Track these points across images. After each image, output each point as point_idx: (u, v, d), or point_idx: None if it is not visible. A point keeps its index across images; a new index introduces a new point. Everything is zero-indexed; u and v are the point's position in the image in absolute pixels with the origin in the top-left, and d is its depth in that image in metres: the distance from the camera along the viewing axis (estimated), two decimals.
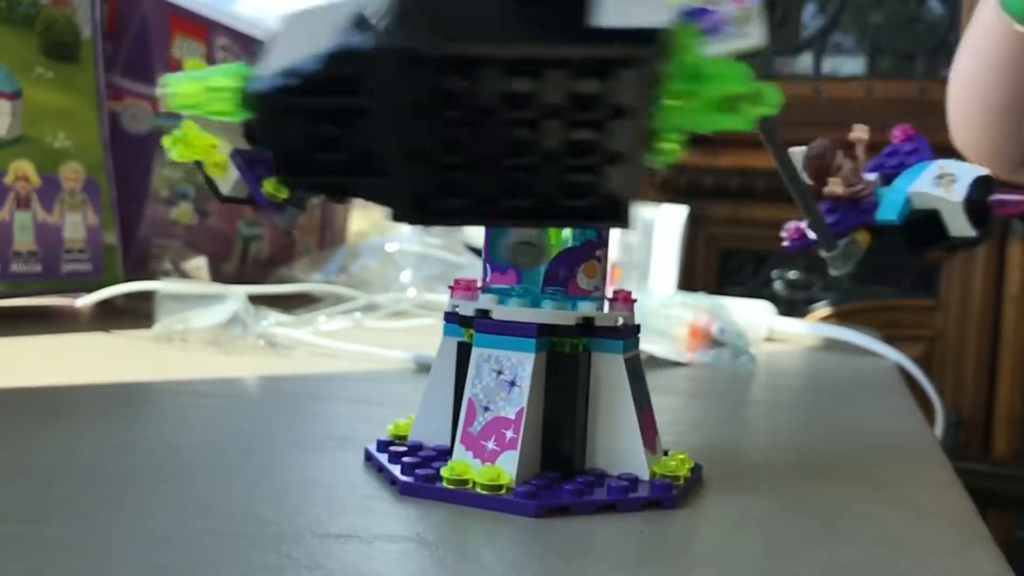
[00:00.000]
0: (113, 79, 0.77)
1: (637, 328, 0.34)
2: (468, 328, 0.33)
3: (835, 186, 0.38)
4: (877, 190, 0.38)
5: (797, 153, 0.38)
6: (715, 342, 0.71)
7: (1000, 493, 1.45)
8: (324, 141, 0.20)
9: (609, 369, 0.32)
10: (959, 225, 0.35)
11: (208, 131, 0.35)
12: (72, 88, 0.70)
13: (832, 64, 1.65)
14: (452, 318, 0.34)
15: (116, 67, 0.77)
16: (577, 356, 0.32)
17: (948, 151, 0.40)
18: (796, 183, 0.35)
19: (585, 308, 0.32)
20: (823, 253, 0.38)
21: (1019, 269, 1.51)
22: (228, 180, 0.36)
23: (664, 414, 0.44)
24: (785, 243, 0.40)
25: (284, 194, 0.36)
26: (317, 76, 0.19)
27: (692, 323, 0.71)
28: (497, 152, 0.20)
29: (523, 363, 0.31)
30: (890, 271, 1.56)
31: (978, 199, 0.35)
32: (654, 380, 0.35)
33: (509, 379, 0.31)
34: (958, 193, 0.35)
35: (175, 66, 0.80)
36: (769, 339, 0.89)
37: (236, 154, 0.36)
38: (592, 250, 0.33)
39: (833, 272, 0.38)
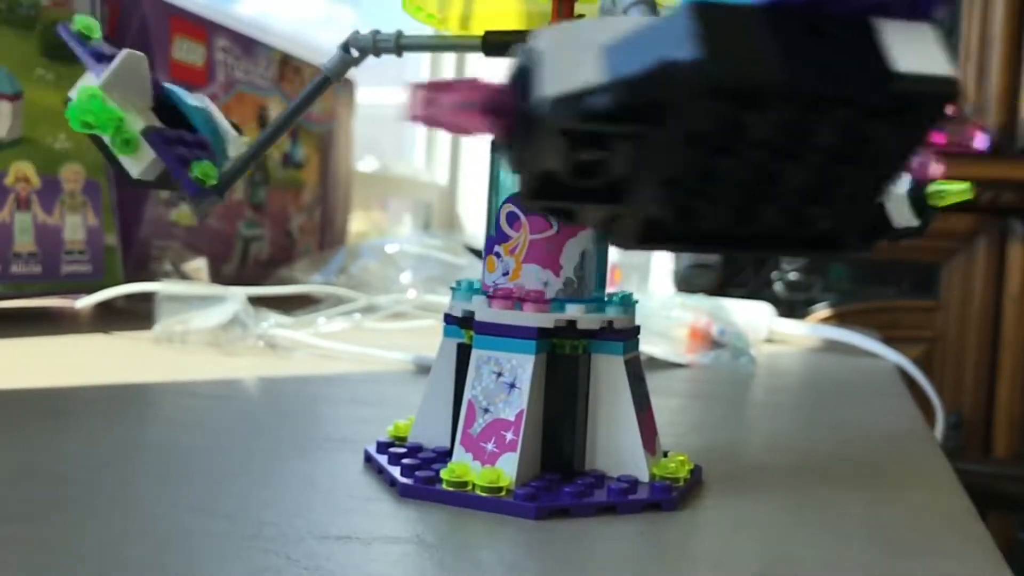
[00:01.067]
0: None
1: (637, 330, 0.34)
2: (468, 329, 0.33)
3: None
4: None
5: None
6: (715, 343, 0.71)
7: (1000, 494, 1.45)
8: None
9: (609, 370, 0.32)
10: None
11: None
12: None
13: None
14: (452, 319, 0.34)
15: None
16: (577, 358, 0.32)
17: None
18: None
19: (473, 301, 0.32)
20: None
21: (1019, 270, 1.51)
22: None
23: (664, 415, 0.44)
24: None
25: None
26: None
27: (692, 324, 0.71)
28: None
29: (523, 365, 0.31)
30: None
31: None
32: (654, 381, 0.35)
33: (509, 381, 0.31)
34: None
35: (175, 67, 0.80)
36: (769, 340, 0.89)
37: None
38: (490, 245, 0.33)
39: None
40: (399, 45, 0.35)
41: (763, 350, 0.80)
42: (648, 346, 0.67)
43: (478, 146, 1.72)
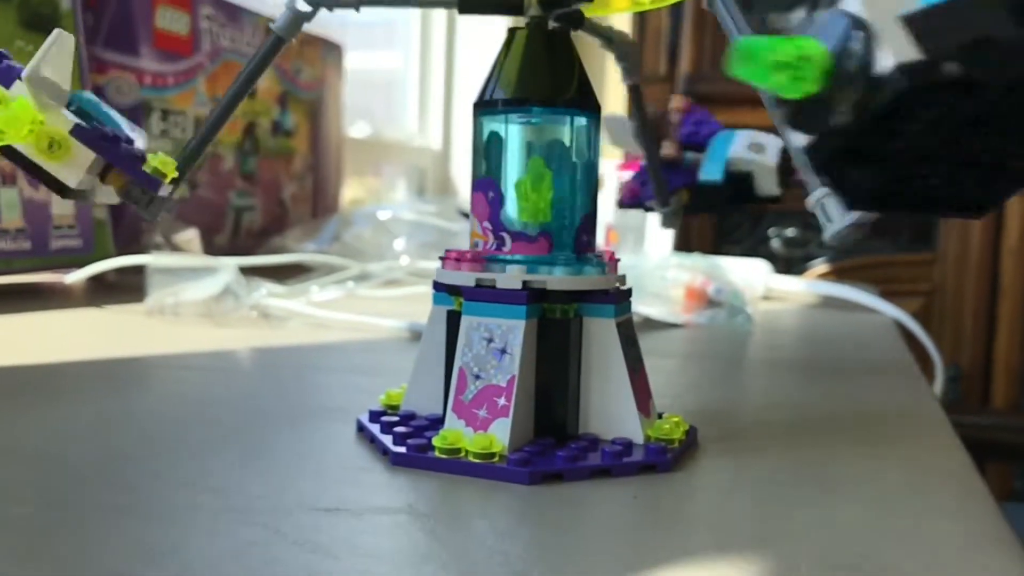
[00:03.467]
0: (96, 51, 0.76)
1: (629, 292, 0.33)
2: (457, 296, 0.32)
3: (668, 149, 0.44)
4: (687, 154, 0.44)
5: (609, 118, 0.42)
6: (711, 302, 0.70)
7: (999, 444, 1.45)
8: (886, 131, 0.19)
9: (601, 334, 0.32)
10: (768, 185, 0.43)
11: (36, 104, 0.28)
12: None
13: None
14: (441, 287, 0.33)
15: (98, 39, 0.76)
16: (568, 322, 0.32)
17: None
18: (649, 146, 0.40)
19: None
20: (657, 209, 0.43)
21: (1018, 222, 1.50)
22: (74, 166, 0.29)
23: (659, 376, 0.44)
24: (621, 199, 0.45)
25: (174, 173, 0.31)
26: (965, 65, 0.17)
27: (688, 284, 0.71)
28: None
29: (513, 330, 0.30)
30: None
31: (783, 163, 0.43)
32: (650, 342, 0.35)
33: (500, 347, 0.30)
34: (772, 158, 0.43)
35: (159, 36, 0.79)
36: (766, 298, 0.88)
37: (88, 130, 0.29)
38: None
39: (665, 227, 0.44)
40: None
41: (760, 308, 0.80)
42: (644, 307, 0.66)
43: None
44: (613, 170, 1.21)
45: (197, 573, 0.21)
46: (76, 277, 0.69)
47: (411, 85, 1.69)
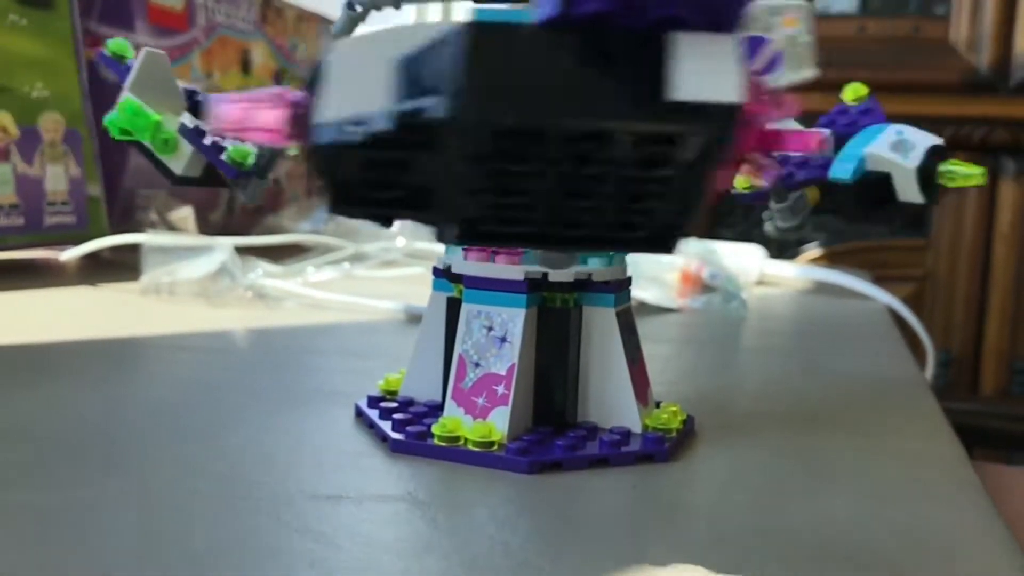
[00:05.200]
0: (90, 25, 0.75)
1: (628, 281, 0.33)
2: (457, 283, 0.32)
3: None
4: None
5: None
6: (706, 287, 0.70)
7: (988, 431, 1.46)
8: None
9: (601, 323, 0.32)
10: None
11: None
12: (48, 35, 0.68)
13: (823, 1, 1.63)
14: (441, 273, 0.33)
15: (93, 13, 0.75)
16: (568, 311, 0.32)
17: (944, 89, 0.38)
18: None
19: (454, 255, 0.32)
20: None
21: (1010, 208, 1.51)
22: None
23: (655, 362, 0.44)
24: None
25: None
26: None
27: (683, 268, 0.71)
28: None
29: (514, 319, 0.30)
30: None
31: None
32: (645, 327, 0.35)
33: (500, 335, 0.30)
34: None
35: (153, 11, 0.78)
36: (760, 282, 0.89)
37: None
38: None
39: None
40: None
41: (754, 293, 0.80)
42: (639, 291, 0.66)
43: None
44: None
45: (200, 561, 0.21)
46: (71, 254, 0.68)
47: None
